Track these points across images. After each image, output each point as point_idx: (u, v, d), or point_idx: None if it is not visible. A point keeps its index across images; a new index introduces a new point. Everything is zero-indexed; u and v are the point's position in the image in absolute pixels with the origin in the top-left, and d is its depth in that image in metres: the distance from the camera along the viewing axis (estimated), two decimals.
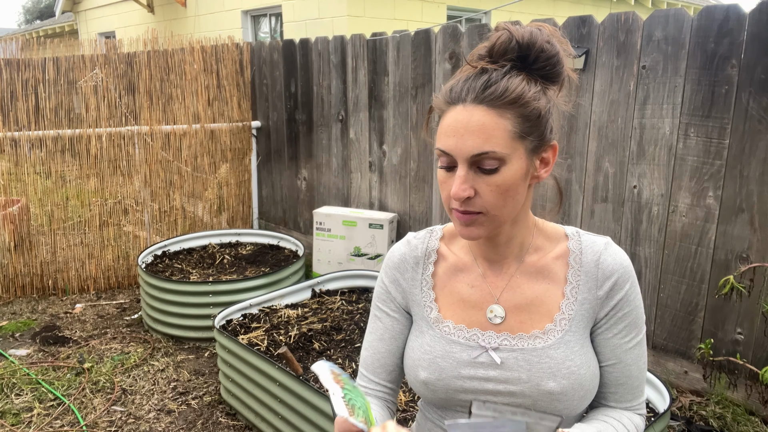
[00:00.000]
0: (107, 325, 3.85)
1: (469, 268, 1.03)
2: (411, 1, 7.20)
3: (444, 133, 0.89)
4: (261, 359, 2.48)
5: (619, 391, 1.00)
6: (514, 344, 0.96)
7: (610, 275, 0.96)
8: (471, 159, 0.87)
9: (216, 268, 4.01)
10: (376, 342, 1.08)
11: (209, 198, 5.02)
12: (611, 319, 0.97)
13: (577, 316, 0.96)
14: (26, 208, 4.37)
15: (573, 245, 1.00)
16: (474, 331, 0.99)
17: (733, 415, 2.64)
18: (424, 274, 1.05)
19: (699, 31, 2.60)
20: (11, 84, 4.26)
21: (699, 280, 2.77)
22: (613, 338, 0.97)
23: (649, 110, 2.81)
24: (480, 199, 0.88)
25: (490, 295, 1.00)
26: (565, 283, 0.98)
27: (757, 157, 2.52)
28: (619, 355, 0.98)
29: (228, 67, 4.97)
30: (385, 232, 4.01)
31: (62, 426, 2.75)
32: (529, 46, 0.88)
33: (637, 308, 0.98)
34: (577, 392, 0.93)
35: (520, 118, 0.87)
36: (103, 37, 10.18)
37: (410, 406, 2.29)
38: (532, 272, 0.99)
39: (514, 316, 0.98)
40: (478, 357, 0.97)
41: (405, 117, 3.96)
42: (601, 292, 0.96)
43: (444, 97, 0.91)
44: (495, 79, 0.87)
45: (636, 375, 1.00)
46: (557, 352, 0.94)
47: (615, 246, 1.00)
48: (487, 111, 0.86)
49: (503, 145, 0.86)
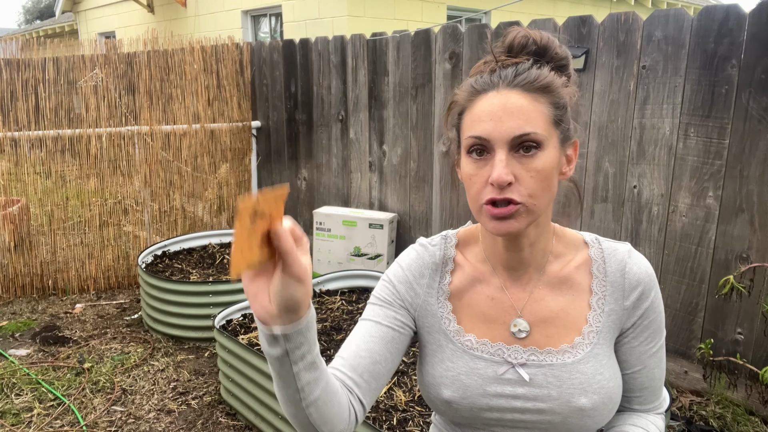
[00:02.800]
0: (107, 325, 3.85)
1: (487, 279, 0.98)
2: (411, 1, 7.20)
3: (477, 119, 0.85)
4: (261, 359, 2.48)
5: (644, 394, 0.99)
6: (542, 360, 0.92)
7: (636, 285, 0.94)
8: (512, 141, 0.83)
9: (216, 268, 4.01)
10: (359, 337, 0.95)
11: (209, 198, 5.02)
12: (638, 328, 0.95)
13: (604, 328, 0.93)
14: (26, 208, 4.37)
15: (594, 253, 0.97)
16: (499, 345, 0.94)
17: (733, 415, 2.64)
18: (441, 283, 0.99)
19: (699, 31, 2.60)
20: (11, 84, 4.26)
21: (699, 280, 2.77)
22: (639, 346, 0.95)
23: (649, 110, 2.81)
24: (519, 187, 0.83)
25: (512, 308, 0.95)
26: (591, 294, 0.95)
27: (757, 157, 2.52)
28: (645, 361, 0.96)
29: (228, 67, 4.97)
30: (385, 232, 4.01)
31: (62, 426, 2.75)
32: (546, 46, 0.89)
33: (661, 313, 0.96)
34: (607, 406, 0.91)
35: (553, 105, 0.86)
36: (103, 37, 10.19)
37: (410, 406, 2.29)
38: (554, 283, 0.96)
39: (539, 330, 0.94)
40: (504, 373, 0.92)
41: (405, 117, 3.96)
42: (627, 302, 0.94)
43: (468, 90, 0.89)
44: (524, 68, 0.86)
45: (659, 377, 0.99)
46: (587, 366, 0.91)
47: (637, 253, 0.97)
48: (522, 94, 0.84)
49: (543, 128, 0.84)
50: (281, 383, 0.80)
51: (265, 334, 0.75)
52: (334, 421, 0.84)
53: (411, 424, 2.17)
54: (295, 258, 0.69)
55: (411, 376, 2.49)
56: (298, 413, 0.82)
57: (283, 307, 0.72)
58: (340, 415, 0.85)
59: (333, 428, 0.84)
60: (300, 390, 0.79)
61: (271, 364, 0.78)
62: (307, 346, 0.76)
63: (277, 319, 0.73)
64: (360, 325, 0.98)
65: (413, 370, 2.53)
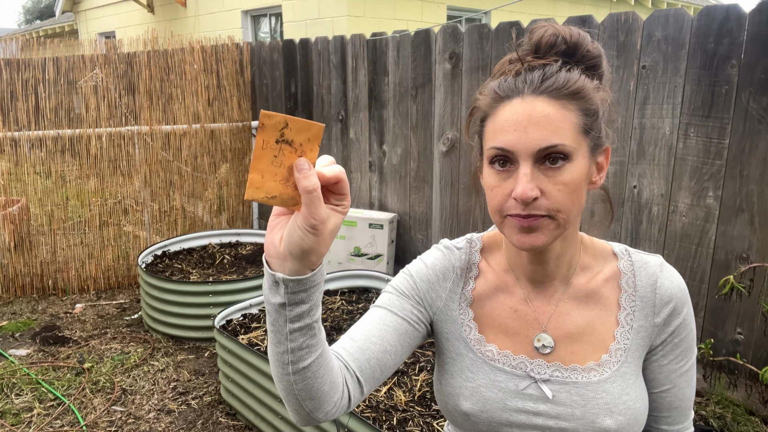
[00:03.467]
0: (107, 325, 3.85)
1: (510, 290, 0.92)
2: (411, 1, 7.20)
3: (500, 129, 0.79)
4: (261, 359, 2.48)
5: (672, 414, 0.93)
6: (566, 377, 0.87)
7: (668, 301, 0.88)
8: (537, 153, 0.77)
9: (216, 268, 4.01)
10: (373, 323, 0.90)
11: (209, 198, 5.02)
12: (668, 345, 0.89)
13: (632, 345, 0.88)
14: (26, 208, 4.37)
15: (624, 266, 0.91)
16: (521, 358, 0.89)
17: (733, 415, 2.64)
18: (464, 288, 0.94)
19: (699, 31, 2.60)
20: (11, 84, 4.26)
21: (699, 280, 2.77)
22: (669, 364, 0.90)
23: (649, 110, 2.81)
24: (546, 201, 0.78)
25: (536, 322, 0.90)
26: (619, 309, 0.89)
27: (757, 157, 2.52)
28: (674, 380, 0.91)
29: (228, 67, 4.97)
30: (385, 232, 4.01)
31: (62, 426, 2.75)
32: (576, 44, 0.82)
33: (692, 330, 0.91)
34: (632, 428, 0.86)
35: (582, 111, 0.80)
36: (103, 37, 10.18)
37: (410, 406, 2.29)
38: (581, 297, 0.90)
39: (564, 346, 0.89)
40: (526, 388, 0.88)
41: (405, 117, 3.96)
42: (658, 319, 0.89)
43: (491, 96, 0.82)
44: (552, 72, 0.79)
45: (689, 396, 0.93)
46: (614, 386, 0.86)
47: (669, 267, 0.92)
48: (549, 102, 0.78)
49: (571, 138, 0.78)
50: (273, 338, 0.75)
51: (267, 275, 0.72)
52: (322, 399, 0.78)
53: (411, 424, 2.17)
54: (312, 202, 0.63)
55: (411, 376, 2.49)
56: (283, 378, 0.77)
57: (289, 252, 0.67)
58: (328, 395, 0.79)
59: (319, 406, 0.79)
60: (290, 352, 0.74)
61: (269, 313, 0.74)
62: (306, 306, 0.72)
63: (283, 263, 0.69)
64: (374, 312, 0.92)
65: (413, 371, 2.53)
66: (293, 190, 0.65)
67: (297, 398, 0.78)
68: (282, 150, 0.63)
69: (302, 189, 0.63)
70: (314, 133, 0.63)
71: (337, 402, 0.81)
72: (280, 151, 0.63)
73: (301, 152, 0.64)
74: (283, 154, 0.63)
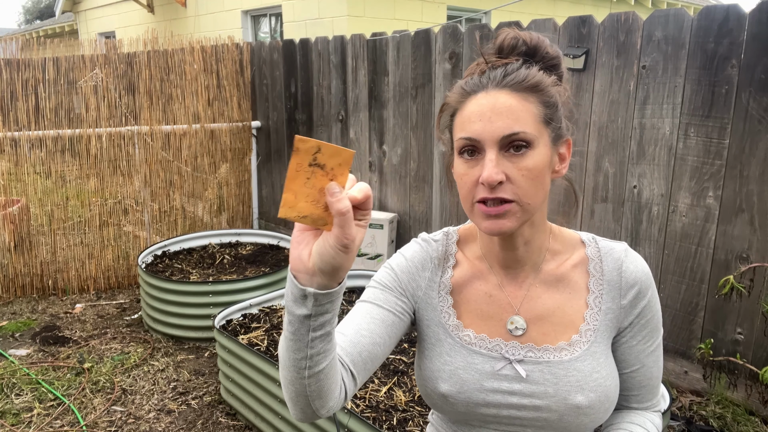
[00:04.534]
0: (107, 325, 3.85)
1: (485, 276, 0.99)
2: (411, 1, 7.20)
3: (467, 120, 0.87)
4: (261, 359, 2.48)
5: (642, 392, 1.00)
6: (539, 357, 0.93)
7: (633, 284, 0.94)
8: (501, 141, 0.84)
9: (216, 268, 4.01)
10: (361, 317, 0.94)
11: (209, 198, 5.02)
12: (635, 327, 0.95)
13: (601, 326, 0.94)
14: (26, 208, 4.37)
15: (591, 252, 0.97)
16: (497, 341, 0.95)
17: (733, 415, 2.64)
18: (443, 277, 1.00)
19: (699, 31, 2.60)
20: (11, 84, 4.26)
21: (699, 280, 2.77)
22: (637, 345, 0.96)
23: (649, 110, 2.81)
24: (511, 185, 0.84)
25: (509, 306, 0.96)
26: (588, 293, 0.95)
27: (757, 157, 2.52)
28: (643, 360, 0.97)
29: (228, 67, 4.97)
30: (385, 232, 4.01)
31: (62, 426, 2.75)
32: (536, 47, 0.90)
33: (657, 312, 0.97)
34: (603, 404, 0.92)
35: (542, 103, 0.87)
36: (103, 37, 10.19)
37: (410, 406, 2.29)
38: (550, 281, 0.96)
39: (536, 327, 0.95)
40: (501, 369, 0.93)
41: (405, 117, 3.96)
42: (624, 302, 0.95)
43: (459, 92, 0.90)
44: (513, 68, 0.87)
45: (656, 375, 1.00)
46: (584, 364, 0.92)
47: (633, 252, 0.98)
48: (511, 94, 0.86)
49: (532, 127, 0.85)
50: (292, 346, 0.77)
51: (294, 289, 0.73)
52: (328, 396, 0.82)
53: (411, 424, 2.17)
54: (345, 223, 0.67)
55: (411, 376, 2.49)
56: (297, 382, 0.79)
57: (320, 269, 0.70)
58: (334, 392, 0.83)
59: (324, 404, 0.83)
60: (308, 358, 0.77)
61: (290, 323, 0.76)
62: (330, 315, 0.75)
63: (311, 278, 0.72)
64: (360, 306, 0.97)
65: (413, 371, 2.53)
66: (323, 210, 0.69)
67: (307, 398, 0.81)
68: (314, 173, 0.67)
69: (336, 212, 0.67)
70: (345, 158, 0.67)
71: (338, 397, 0.85)
72: (312, 173, 0.67)
73: (332, 176, 0.68)
74: (315, 176, 0.67)
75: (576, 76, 3.02)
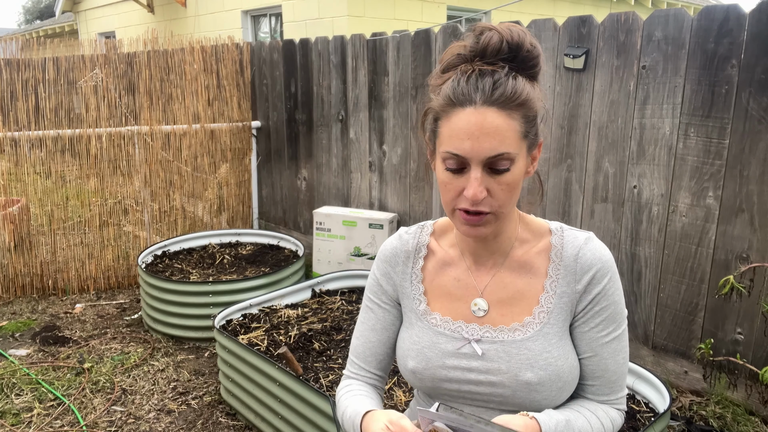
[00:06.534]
0: (107, 325, 3.85)
1: (456, 263, 1.07)
2: (411, 1, 7.20)
3: (456, 136, 0.90)
4: (261, 359, 2.48)
5: (597, 383, 1.02)
6: (495, 336, 1.00)
7: (588, 269, 0.98)
8: (487, 160, 0.89)
9: (216, 268, 4.01)
10: (368, 332, 1.13)
11: (209, 198, 5.02)
12: (588, 313, 0.99)
13: (555, 309, 0.99)
14: (26, 208, 4.37)
15: (555, 240, 1.02)
16: (459, 323, 1.04)
17: (733, 415, 2.64)
18: (414, 268, 1.10)
19: (699, 31, 2.60)
20: (11, 84, 4.26)
21: (699, 280, 2.77)
22: (590, 332, 1.00)
23: (649, 110, 2.81)
24: (491, 199, 0.91)
25: (474, 289, 1.04)
26: (546, 277, 1.01)
27: (757, 157, 2.52)
28: (595, 349, 1.00)
29: (228, 67, 4.97)
30: (385, 232, 4.01)
31: (62, 426, 2.75)
32: (518, 46, 0.91)
33: (615, 303, 1.00)
34: (555, 383, 0.96)
35: (524, 118, 0.91)
36: (103, 37, 10.19)
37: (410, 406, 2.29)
38: (515, 267, 1.03)
39: (496, 309, 1.02)
40: (461, 348, 1.01)
41: (405, 117, 3.96)
42: (579, 286, 0.99)
43: (445, 99, 0.92)
44: (501, 81, 0.89)
45: (613, 369, 1.01)
46: (535, 344, 0.97)
47: (597, 241, 1.02)
48: (498, 113, 0.88)
49: (515, 146, 0.90)
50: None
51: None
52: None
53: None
54: None
55: None
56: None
57: None
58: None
59: None
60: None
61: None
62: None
63: None
64: (360, 328, 1.16)
65: None
66: None
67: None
68: None
69: None
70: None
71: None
72: None
73: None
74: None
75: (576, 76, 3.02)
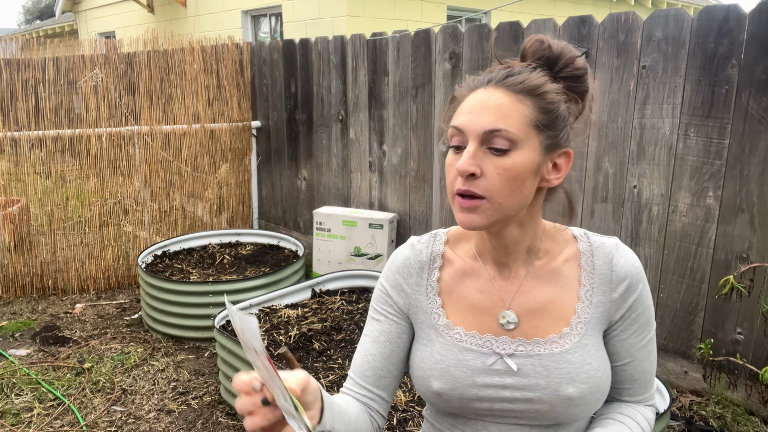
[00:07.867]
0: (107, 325, 3.85)
1: (477, 273, 1.00)
2: (411, 1, 7.20)
3: (460, 112, 0.89)
4: None
5: (633, 386, 1.01)
6: (530, 350, 0.94)
7: (624, 278, 0.95)
8: (483, 136, 0.85)
9: (216, 268, 4.01)
10: (369, 344, 1.03)
11: (209, 198, 5.02)
12: (626, 321, 0.96)
13: (592, 319, 0.95)
14: (26, 208, 4.36)
15: (583, 247, 0.98)
16: (487, 337, 0.96)
17: (733, 415, 2.64)
18: (429, 279, 1.02)
19: (699, 31, 2.60)
20: (11, 84, 4.26)
21: (699, 280, 2.77)
22: (629, 338, 0.97)
23: (649, 110, 2.81)
24: (484, 181, 0.85)
25: (501, 300, 0.97)
26: (579, 286, 0.96)
27: (757, 157, 2.52)
28: (634, 354, 0.98)
29: (228, 67, 4.97)
30: (385, 232, 4.01)
31: (62, 426, 2.75)
32: (560, 53, 0.90)
33: (649, 306, 0.98)
34: (594, 395, 0.93)
35: (539, 108, 0.87)
36: (103, 37, 10.18)
37: (410, 406, 2.29)
38: (542, 276, 0.97)
39: (527, 321, 0.96)
40: (493, 364, 0.94)
41: (405, 117, 3.96)
42: (615, 295, 0.95)
43: (466, 87, 0.93)
44: (518, 71, 0.89)
45: (648, 369, 1.00)
46: (575, 356, 0.92)
47: (625, 246, 0.99)
48: (506, 93, 0.87)
49: (517, 127, 0.85)
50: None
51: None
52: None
53: (411, 424, 2.17)
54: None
55: None
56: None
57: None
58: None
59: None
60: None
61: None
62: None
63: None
64: (362, 341, 1.05)
65: None
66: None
67: None
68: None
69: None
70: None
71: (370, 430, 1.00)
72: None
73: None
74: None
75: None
